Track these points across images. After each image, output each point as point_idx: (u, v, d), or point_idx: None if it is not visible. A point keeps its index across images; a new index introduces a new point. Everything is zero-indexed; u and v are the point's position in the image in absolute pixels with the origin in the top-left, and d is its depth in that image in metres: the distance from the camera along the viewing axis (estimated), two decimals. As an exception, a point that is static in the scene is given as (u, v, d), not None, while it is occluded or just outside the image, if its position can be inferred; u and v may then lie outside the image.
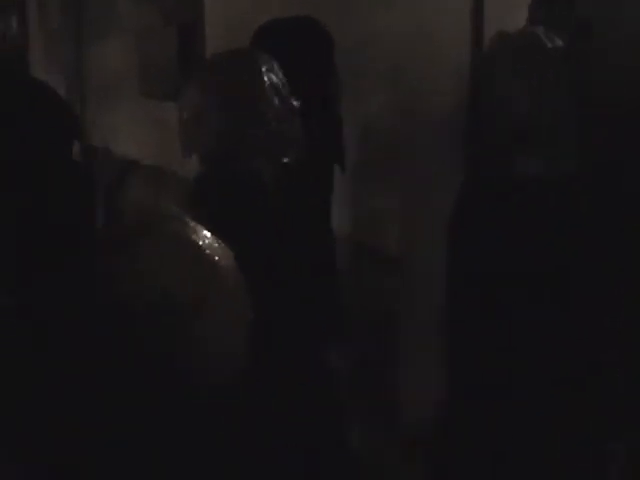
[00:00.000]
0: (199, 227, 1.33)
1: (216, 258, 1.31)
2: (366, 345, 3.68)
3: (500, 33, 2.44)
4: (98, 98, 6.37)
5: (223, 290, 1.29)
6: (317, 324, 2.49)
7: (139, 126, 5.46)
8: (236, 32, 3.36)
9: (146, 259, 1.26)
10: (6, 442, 1.26)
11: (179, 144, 2.39)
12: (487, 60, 2.48)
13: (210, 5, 4.81)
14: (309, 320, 2.42)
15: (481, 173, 2.46)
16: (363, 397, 3.65)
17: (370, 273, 3.70)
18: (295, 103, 2.38)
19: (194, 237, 1.31)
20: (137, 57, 5.64)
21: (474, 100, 2.55)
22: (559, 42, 2.35)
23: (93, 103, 6.33)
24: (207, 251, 1.30)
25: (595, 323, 2.31)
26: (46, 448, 1.23)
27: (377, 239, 3.64)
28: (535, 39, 2.36)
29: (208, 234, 1.33)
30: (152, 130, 5.14)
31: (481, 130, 2.45)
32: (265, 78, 2.33)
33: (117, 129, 5.65)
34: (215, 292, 1.28)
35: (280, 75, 2.36)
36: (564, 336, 2.30)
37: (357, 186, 3.72)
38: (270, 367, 1.96)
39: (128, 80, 5.59)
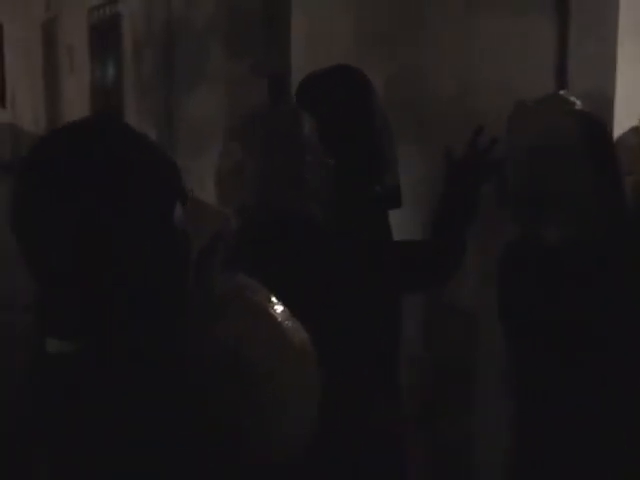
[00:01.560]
0: (275, 299, 1.38)
1: (290, 331, 1.35)
2: (441, 396, 3.69)
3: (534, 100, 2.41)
4: (187, 148, 6.50)
5: (295, 364, 1.34)
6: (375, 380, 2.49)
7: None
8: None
9: (230, 325, 1.31)
10: None
11: (215, 196, 2.39)
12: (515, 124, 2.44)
13: (296, 59, 4.94)
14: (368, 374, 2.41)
15: (512, 236, 2.45)
16: (433, 451, 3.66)
17: (446, 326, 3.71)
18: (330, 161, 2.38)
19: (272, 309, 1.36)
20: (227, 108, 5.77)
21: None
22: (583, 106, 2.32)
23: (182, 153, 6.46)
24: (283, 324, 1.35)
25: None
26: None
27: (451, 293, 3.65)
28: (561, 104, 2.33)
29: (283, 307, 1.37)
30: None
31: (506, 195, 2.41)
32: (305, 136, 2.34)
33: (205, 179, 5.74)
34: (286, 365, 1.33)
35: (316, 135, 2.37)
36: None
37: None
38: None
39: (218, 130, 5.71)
